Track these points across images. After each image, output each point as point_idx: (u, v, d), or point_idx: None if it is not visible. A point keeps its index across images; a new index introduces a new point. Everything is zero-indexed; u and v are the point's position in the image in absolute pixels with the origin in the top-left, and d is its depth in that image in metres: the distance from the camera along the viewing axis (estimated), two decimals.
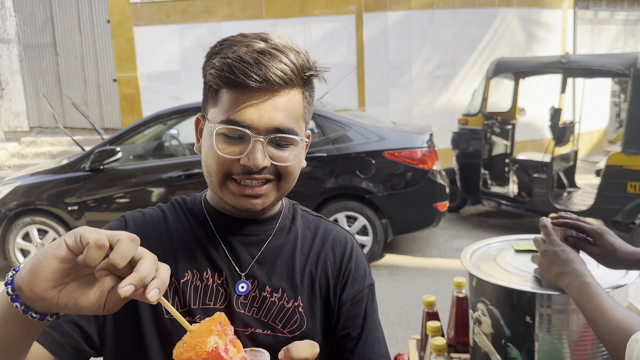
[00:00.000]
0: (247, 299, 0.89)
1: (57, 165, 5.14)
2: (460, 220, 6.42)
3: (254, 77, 0.79)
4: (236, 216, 0.92)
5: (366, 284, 1.00)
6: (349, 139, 4.81)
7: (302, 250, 0.96)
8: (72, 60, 10.19)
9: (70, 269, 0.62)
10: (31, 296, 0.61)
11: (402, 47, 7.80)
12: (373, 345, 0.97)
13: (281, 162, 0.84)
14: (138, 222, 0.92)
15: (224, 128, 0.82)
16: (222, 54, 0.81)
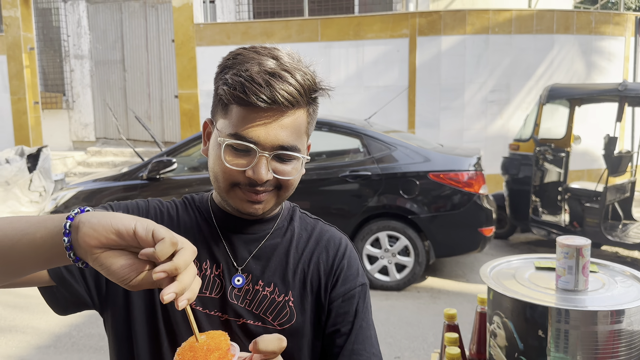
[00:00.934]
0: (241, 291, 0.96)
1: (117, 173, 5.46)
2: (508, 247, 6.28)
3: (264, 98, 0.85)
4: (237, 216, 0.99)
5: (358, 283, 1.03)
6: (394, 159, 4.85)
7: (297, 248, 1.02)
8: (138, 76, 10.77)
9: (121, 244, 0.67)
10: (79, 241, 0.66)
11: (455, 71, 7.79)
12: (364, 342, 1.00)
13: (283, 176, 0.92)
14: (157, 208, 1.01)
15: (233, 142, 0.88)
16: (234, 70, 0.87)
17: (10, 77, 9.57)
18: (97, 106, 11.15)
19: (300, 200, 4.88)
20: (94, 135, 11.24)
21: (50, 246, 0.68)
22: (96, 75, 11.12)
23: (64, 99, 11.24)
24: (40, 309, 4.52)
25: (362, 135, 4.97)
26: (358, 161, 4.94)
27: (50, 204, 5.45)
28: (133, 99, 10.86)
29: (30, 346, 3.85)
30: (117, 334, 0.97)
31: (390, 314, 4.31)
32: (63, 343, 3.89)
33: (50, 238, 0.68)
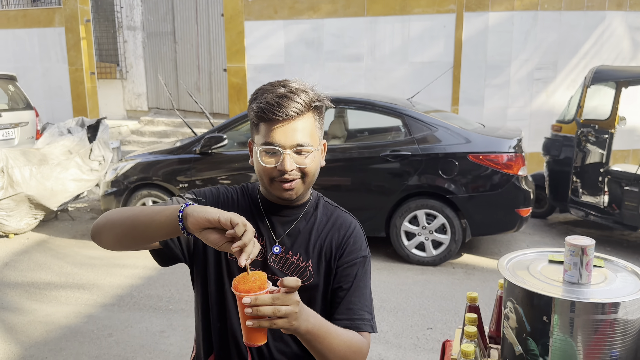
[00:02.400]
0: (277, 257, 1.35)
1: (171, 146, 5.82)
2: (546, 227, 6.36)
3: (278, 113, 1.24)
4: (277, 203, 1.37)
5: (360, 255, 1.38)
6: (435, 139, 4.99)
7: (318, 229, 1.39)
8: (188, 48, 11.09)
9: (212, 226, 1.08)
10: (188, 225, 1.10)
11: (502, 48, 7.72)
12: (359, 297, 1.34)
13: (302, 165, 1.29)
14: (225, 194, 1.42)
15: (264, 148, 1.28)
16: (257, 101, 1.28)
17: (68, 49, 10.06)
18: (149, 77, 11.58)
19: (343, 177, 5.13)
20: (146, 105, 11.71)
21: (170, 227, 1.13)
22: (148, 46, 11.51)
23: (117, 69, 11.72)
24: (104, 270, 4.99)
25: (403, 116, 5.11)
26: (399, 141, 5.11)
27: (111, 174, 5.89)
28: (183, 71, 11.21)
29: (97, 304, 4.30)
30: (198, 279, 1.40)
31: (425, 288, 4.54)
32: (125, 302, 4.32)
33: (170, 222, 1.13)
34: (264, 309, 1.03)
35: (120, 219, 1.22)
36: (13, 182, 5.79)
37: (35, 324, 3.94)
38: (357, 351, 1.29)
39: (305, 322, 1.12)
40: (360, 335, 1.32)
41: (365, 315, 1.35)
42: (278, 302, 1.04)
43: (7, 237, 5.96)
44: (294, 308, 1.06)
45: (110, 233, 1.23)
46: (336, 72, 8.36)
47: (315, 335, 1.16)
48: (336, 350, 1.22)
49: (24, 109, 7.60)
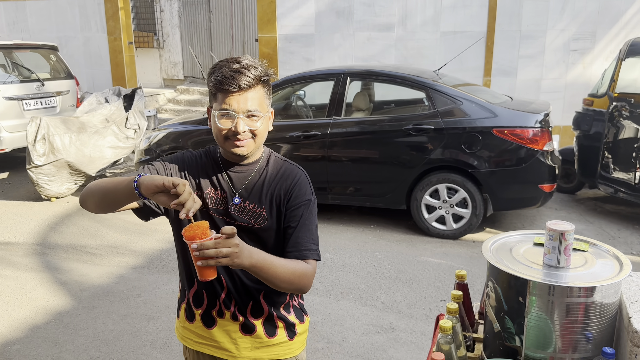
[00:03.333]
0: (237, 207, 1.60)
1: (201, 117, 5.99)
2: (574, 202, 6.28)
3: (233, 85, 1.48)
4: (233, 161, 1.61)
5: (305, 199, 1.61)
6: (459, 113, 4.97)
7: (269, 180, 1.63)
8: (222, 18, 11.17)
9: (160, 190, 1.34)
10: (142, 191, 1.37)
11: (537, 17, 7.48)
12: (306, 232, 1.58)
13: (253, 128, 1.53)
14: (188, 157, 1.66)
15: (221, 112, 1.51)
16: (215, 74, 1.51)
17: (107, 19, 10.31)
18: (184, 46, 11.76)
19: (364, 150, 5.19)
20: (182, 74, 11.94)
21: (130, 194, 1.42)
22: (184, 15, 11.65)
23: (155, 38, 11.93)
24: (137, 234, 5.27)
25: (427, 89, 5.10)
26: (422, 114, 5.11)
27: (144, 142, 6.13)
28: (217, 40, 11.33)
29: (128, 266, 4.57)
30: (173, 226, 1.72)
31: (442, 261, 4.62)
32: (154, 265, 4.58)
33: (129, 190, 1.42)
34: (208, 252, 1.28)
35: (95, 190, 1.53)
36: (54, 148, 6.11)
37: (72, 282, 4.24)
38: (302, 275, 1.52)
39: (247, 259, 1.36)
40: (305, 263, 1.55)
41: (311, 246, 1.58)
42: (219, 246, 1.29)
43: (49, 200, 6.33)
44: (234, 249, 1.31)
45: (90, 201, 1.56)
46: (366, 42, 8.30)
47: (260, 268, 1.41)
48: (281, 276, 1.47)
49: (65, 78, 7.91)
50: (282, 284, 1.49)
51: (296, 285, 1.52)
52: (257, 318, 1.67)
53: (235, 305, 1.65)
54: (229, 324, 1.67)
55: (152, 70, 12.14)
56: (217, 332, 1.69)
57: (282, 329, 1.71)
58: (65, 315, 3.74)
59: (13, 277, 4.34)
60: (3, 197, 6.49)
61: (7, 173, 7.60)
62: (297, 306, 1.77)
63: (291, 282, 1.50)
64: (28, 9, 10.94)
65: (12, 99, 7.10)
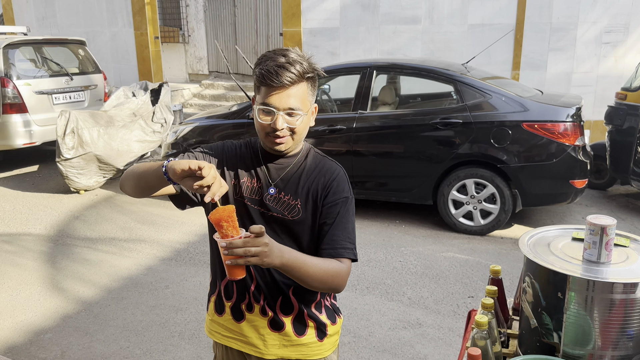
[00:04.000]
0: (272, 197, 1.58)
1: (227, 111, 6.02)
2: (605, 198, 6.13)
3: (275, 81, 1.45)
4: (273, 153, 1.59)
5: (342, 196, 1.58)
6: (488, 106, 4.89)
7: (307, 174, 1.61)
8: (247, 12, 11.19)
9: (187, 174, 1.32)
10: (170, 175, 1.37)
11: (568, 9, 7.31)
12: (342, 230, 1.54)
13: (292, 126, 1.51)
14: (228, 146, 1.66)
15: (262, 107, 1.49)
16: (260, 66, 1.48)
17: (134, 14, 10.42)
18: (209, 41, 11.82)
19: (391, 144, 5.15)
20: (207, 69, 12.01)
21: (161, 179, 1.42)
22: (209, 10, 11.71)
23: (180, 33, 12.03)
24: (164, 226, 5.33)
25: (455, 82, 5.02)
26: (450, 108, 5.04)
27: (172, 136, 6.18)
28: (242, 35, 11.36)
29: (156, 257, 4.62)
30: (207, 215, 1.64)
31: (470, 257, 4.56)
32: (182, 257, 4.63)
33: (159, 175, 1.42)
34: (237, 251, 1.26)
35: (131, 174, 1.56)
36: (83, 142, 6.21)
37: (101, 274, 4.31)
38: (335, 274, 1.49)
39: (278, 258, 1.33)
40: (339, 262, 1.51)
41: (347, 244, 1.54)
42: (248, 245, 1.26)
43: (77, 193, 6.44)
44: (263, 248, 1.28)
45: (127, 185, 1.58)
46: (392, 35, 8.23)
47: (291, 267, 1.38)
48: (313, 275, 1.44)
49: (93, 73, 8.03)
50: (314, 283, 1.46)
51: (329, 285, 1.49)
52: (287, 315, 1.64)
53: (264, 299, 1.63)
54: (258, 319, 1.65)
55: (177, 65, 12.25)
56: (246, 326, 1.66)
57: (312, 329, 1.68)
58: (95, 306, 3.80)
59: (44, 268, 4.43)
60: (33, 190, 6.63)
61: (37, 166, 7.76)
62: (329, 306, 1.74)
63: (324, 281, 1.47)
64: (57, 4, 11.13)
65: (42, 93, 7.24)
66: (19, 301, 3.88)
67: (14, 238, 5.09)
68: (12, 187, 6.73)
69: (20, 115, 6.97)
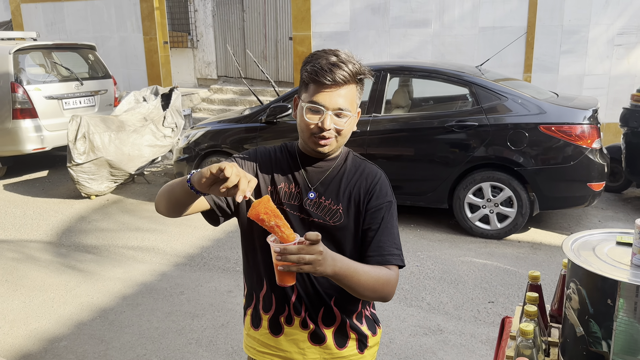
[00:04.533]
0: (312, 201, 1.52)
1: (239, 115, 5.98)
2: (620, 202, 6.06)
3: (328, 78, 1.39)
4: (312, 156, 1.54)
5: (386, 200, 1.53)
6: (504, 109, 4.84)
7: (347, 178, 1.55)
8: (255, 17, 11.18)
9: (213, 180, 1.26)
10: (196, 187, 1.31)
11: (580, 11, 7.25)
12: (388, 236, 1.49)
13: (339, 127, 1.45)
14: (261, 152, 1.60)
15: (310, 105, 1.43)
16: (312, 64, 1.43)
17: (142, 19, 10.43)
18: (218, 46, 11.81)
19: (405, 148, 5.10)
20: (216, 73, 12.00)
21: (186, 191, 1.35)
22: (217, 15, 11.70)
23: (189, 38, 12.03)
24: (178, 231, 5.28)
25: (471, 84, 4.97)
26: (465, 110, 4.98)
27: (183, 141, 6.15)
28: (250, 39, 11.35)
29: (170, 263, 4.58)
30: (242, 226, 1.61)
31: (487, 261, 4.49)
32: (196, 262, 4.58)
33: (185, 187, 1.35)
34: (291, 257, 1.20)
35: (162, 194, 1.49)
36: (94, 147, 6.19)
37: (115, 280, 4.26)
38: (385, 283, 1.43)
39: (331, 267, 1.27)
40: (388, 269, 1.46)
41: (394, 250, 1.49)
42: (303, 252, 1.21)
43: (89, 198, 6.41)
44: (317, 257, 1.22)
45: (161, 205, 1.51)
46: (402, 39, 8.19)
47: (343, 276, 1.32)
48: (364, 284, 1.38)
49: (103, 78, 8.02)
50: (365, 292, 1.40)
51: (379, 294, 1.43)
52: (329, 327, 1.58)
53: (305, 310, 1.56)
54: (297, 332, 1.58)
55: (186, 70, 12.24)
56: (284, 340, 1.59)
57: (354, 340, 1.62)
58: (110, 312, 3.76)
59: (57, 274, 4.39)
60: (44, 195, 6.61)
61: (47, 171, 7.74)
62: (369, 316, 1.68)
63: (374, 290, 1.41)
64: (66, 10, 11.16)
65: (52, 98, 7.22)
66: (32, 308, 3.83)
67: (26, 244, 5.06)
68: (22, 193, 6.71)
69: (30, 120, 6.95)
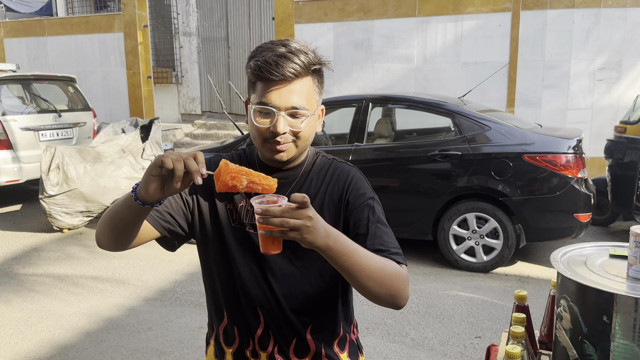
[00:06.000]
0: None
1: (219, 145, 5.85)
2: (608, 235, 5.95)
3: (275, 73, 1.19)
4: (274, 166, 1.33)
5: (365, 198, 1.32)
6: (487, 138, 4.76)
7: (317, 184, 1.35)
8: (240, 53, 11.25)
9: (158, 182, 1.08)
10: (147, 199, 1.10)
11: (561, 47, 7.34)
12: (381, 237, 1.27)
13: (296, 129, 1.24)
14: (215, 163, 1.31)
15: (258, 107, 1.23)
16: (255, 58, 1.22)
17: (126, 53, 10.41)
18: (203, 81, 11.81)
19: (388, 178, 4.97)
20: (200, 109, 11.95)
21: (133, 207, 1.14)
22: (202, 51, 11.75)
23: (173, 73, 12.02)
24: (150, 265, 5.04)
25: (453, 114, 4.91)
26: (448, 140, 4.90)
27: None
28: (235, 75, 11.38)
29: (140, 298, 4.33)
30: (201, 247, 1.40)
31: (474, 295, 4.31)
32: (168, 297, 4.33)
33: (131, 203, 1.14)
34: (273, 220, 1.04)
35: (104, 222, 1.25)
36: (68, 178, 5.98)
37: (80, 315, 4.00)
38: (394, 275, 1.19)
39: (323, 239, 1.07)
40: (394, 262, 1.23)
41: (393, 249, 1.27)
42: (287, 215, 1.03)
43: (61, 231, 6.15)
44: (305, 222, 1.04)
45: (104, 235, 1.27)
46: (385, 73, 8.21)
47: (338, 252, 1.10)
48: (367, 270, 1.14)
49: (82, 110, 7.89)
50: (368, 283, 1.14)
51: (387, 288, 1.17)
52: (301, 359, 1.38)
53: (274, 344, 1.36)
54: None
55: (170, 106, 12.18)
56: None
57: None
58: (72, 349, 3.49)
59: (19, 309, 4.11)
60: (15, 229, 6.34)
61: (20, 205, 7.48)
62: (354, 341, 1.47)
63: (381, 281, 1.16)
64: (49, 44, 11.12)
65: (28, 129, 7.05)
66: None
67: None
68: None
69: (4, 152, 6.75)
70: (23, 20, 11.63)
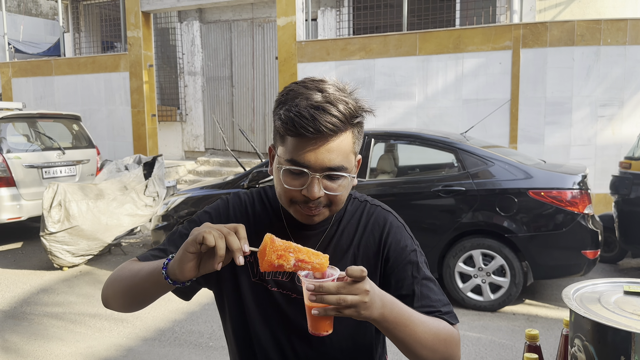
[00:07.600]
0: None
1: (221, 181, 5.83)
2: (616, 273, 5.83)
3: (310, 129, 1.02)
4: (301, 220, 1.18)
5: (408, 253, 1.20)
6: (491, 174, 4.73)
7: (349, 236, 1.21)
8: (244, 91, 11.39)
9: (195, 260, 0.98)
10: (179, 277, 1.00)
11: (562, 84, 7.40)
12: (429, 297, 1.16)
13: (332, 192, 1.09)
14: (235, 207, 1.25)
15: (289, 167, 1.07)
16: (287, 106, 1.05)
17: (131, 92, 10.54)
18: (207, 119, 11.93)
19: None
20: (203, 146, 12.02)
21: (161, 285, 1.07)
22: (207, 90, 11.91)
23: (178, 112, 12.15)
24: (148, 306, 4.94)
25: (456, 150, 4.89)
26: (452, 176, 4.87)
27: (162, 208, 5.95)
28: (239, 113, 11.49)
29: (138, 337, 4.22)
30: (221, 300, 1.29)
31: (481, 335, 4.19)
32: (166, 337, 4.22)
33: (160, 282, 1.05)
34: (329, 298, 0.93)
35: (117, 287, 1.17)
36: (69, 215, 5.95)
37: (76, 355, 3.89)
38: (448, 339, 1.11)
39: (379, 309, 0.98)
40: (446, 323, 1.15)
41: (443, 309, 1.18)
42: (343, 292, 0.93)
43: (61, 269, 6.08)
44: (362, 297, 0.94)
45: (115, 299, 1.19)
46: (387, 111, 8.27)
47: (394, 323, 1.01)
48: (421, 338, 1.05)
49: (86, 147, 7.93)
50: (422, 351, 1.06)
51: (442, 354, 1.09)
52: None
53: None
54: None
55: (174, 143, 12.25)
56: None
57: None
58: None
59: (15, 349, 4.01)
60: (14, 266, 6.27)
61: (21, 243, 7.43)
62: None
63: (435, 348, 1.07)
64: (56, 84, 11.29)
65: (32, 166, 7.07)
66: None
67: None
68: None
69: (7, 189, 6.75)
70: (31, 61, 11.86)
